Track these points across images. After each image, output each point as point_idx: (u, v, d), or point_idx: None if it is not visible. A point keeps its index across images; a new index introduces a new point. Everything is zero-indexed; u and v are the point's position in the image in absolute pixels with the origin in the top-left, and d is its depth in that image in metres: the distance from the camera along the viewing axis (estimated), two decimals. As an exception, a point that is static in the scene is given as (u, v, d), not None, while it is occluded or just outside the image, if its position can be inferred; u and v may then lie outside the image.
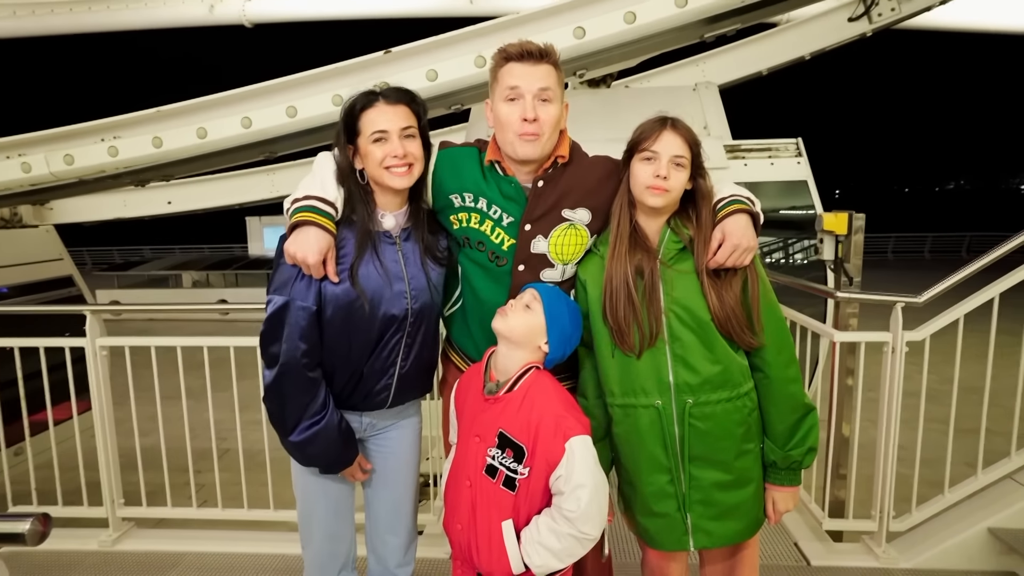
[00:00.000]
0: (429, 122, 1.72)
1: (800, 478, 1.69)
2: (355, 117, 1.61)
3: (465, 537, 1.57)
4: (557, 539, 1.48)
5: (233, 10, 5.53)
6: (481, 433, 1.57)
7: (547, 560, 1.50)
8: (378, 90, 1.64)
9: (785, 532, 2.84)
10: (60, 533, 2.98)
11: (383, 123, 1.58)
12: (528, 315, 1.56)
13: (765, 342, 1.58)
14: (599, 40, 3.12)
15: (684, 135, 1.57)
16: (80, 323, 2.90)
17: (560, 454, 1.47)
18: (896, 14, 5.05)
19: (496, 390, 1.58)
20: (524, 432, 1.51)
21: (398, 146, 1.57)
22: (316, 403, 1.59)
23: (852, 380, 2.81)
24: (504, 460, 1.52)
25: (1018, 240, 2.55)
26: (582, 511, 1.46)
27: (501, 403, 1.56)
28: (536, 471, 1.49)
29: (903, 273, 16.25)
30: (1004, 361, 2.67)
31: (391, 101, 1.60)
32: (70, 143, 3.58)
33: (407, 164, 1.59)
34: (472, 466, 1.58)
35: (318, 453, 1.63)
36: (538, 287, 1.62)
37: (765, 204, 1.68)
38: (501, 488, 1.52)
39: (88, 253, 22.79)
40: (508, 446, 1.52)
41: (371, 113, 1.59)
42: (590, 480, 1.47)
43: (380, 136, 1.58)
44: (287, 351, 1.54)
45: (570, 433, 1.48)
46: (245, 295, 13.22)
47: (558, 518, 1.49)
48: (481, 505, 1.55)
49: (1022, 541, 2.44)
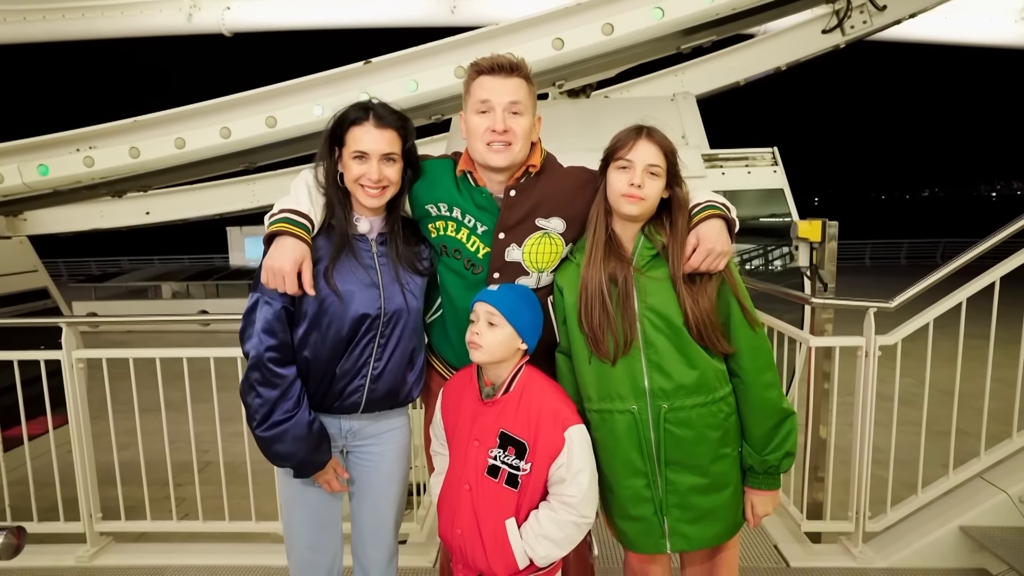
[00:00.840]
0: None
1: (779, 482, 1.70)
2: (344, 128, 1.65)
3: (467, 541, 1.61)
4: (559, 528, 1.56)
5: (212, 19, 5.51)
6: (480, 436, 1.62)
7: (550, 550, 1.57)
8: (372, 104, 1.67)
9: (765, 534, 2.88)
10: (36, 549, 2.92)
11: (366, 144, 1.62)
12: (497, 331, 1.59)
13: (741, 347, 1.60)
14: (578, 51, 3.17)
15: (659, 144, 1.59)
16: (56, 336, 2.86)
17: (560, 444, 1.56)
18: (868, 27, 5.19)
19: (494, 393, 1.63)
20: (525, 429, 1.57)
21: (375, 170, 1.62)
22: (287, 400, 1.61)
23: (828, 384, 2.87)
24: (507, 459, 1.58)
25: (984, 246, 2.63)
26: (583, 495, 1.56)
27: (500, 404, 1.61)
28: (538, 465, 1.57)
29: (880, 279, 16.54)
30: (975, 364, 2.74)
31: (380, 124, 1.64)
32: (44, 153, 3.54)
33: (381, 187, 1.64)
34: (472, 470, 1.61)
35: (288, 452, 1.63)
36: (484, 298, 1.62)
37: (743, 212, 1.72)
38: (504, 487, 1.58)
39: (64, 264, 22.37)
40: (510, 444, 1.58)
41: (358, 131, 1.63)
42: (588, 465, 1.59)
43: (360, 155, 1.62)
44: (254, 345, 1.59)
45: (568, 423, 1.58)
46: (226, 306, 13.05)
47: (558, 508, 1.57)
48: (483, 507, 1.59)
49: (992, 539, 2.50)
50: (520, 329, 1.61)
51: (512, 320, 1.59)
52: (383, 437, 1.83)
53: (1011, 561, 2.38)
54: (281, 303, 1.61)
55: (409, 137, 1.69)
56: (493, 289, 1.64)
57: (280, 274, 1.55)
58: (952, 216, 64.51)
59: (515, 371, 1.64)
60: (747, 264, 4.45)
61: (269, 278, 1.57)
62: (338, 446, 1.80)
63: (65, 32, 5.58)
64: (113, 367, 2.95)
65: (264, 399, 1.60)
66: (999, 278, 2.60)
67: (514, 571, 1.58)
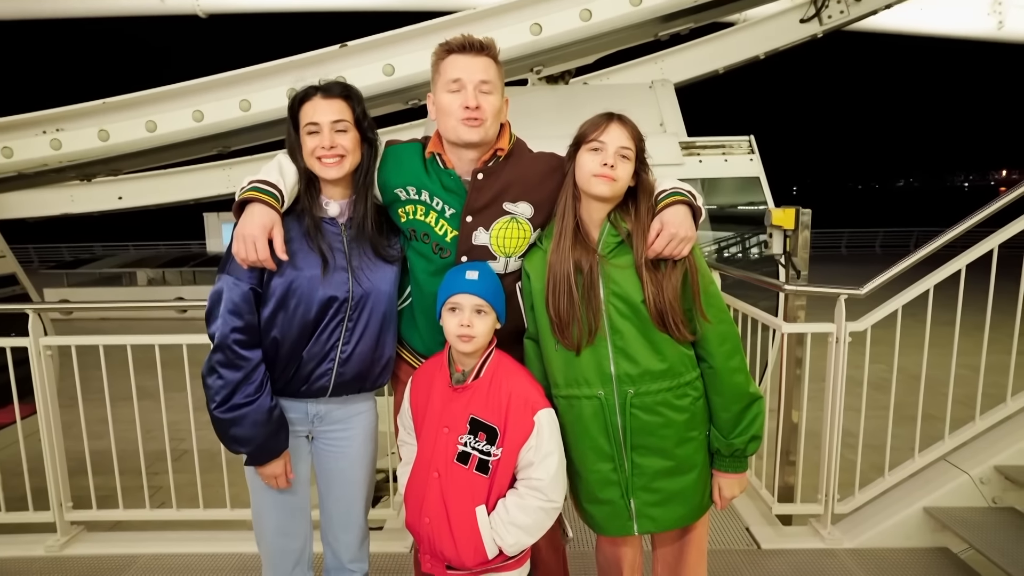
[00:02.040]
0: (387, 117, 1.75)
1: (746, 465, 1.72)
2: (297, 109, 1.69)
3: (435, 530, 1.60)
4: (526, 514, 1.56)
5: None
6: (450, 423, 1.61)
7: (519, 537, 1.57)
8: (318, 84, 1.70)
9: (737, 517, 2.94)
10: (5, 539, 2.87)
11: (315, 116, 1.66)
12: (485, 318, 1.60)
13: (707, 334, 1.62)
14: (555, 36, 3.16)
15: (630, 129, 1.60)
16: (25, 323, 2.79)
17: (530, 428, 1.57)
18: (845, 16, 5.24)
19: (464, 379, 1.62)
20: (496, 414, 1.58)
21: (327, 138, 1.64)
22: (249, 384, 1.61)
23: (800, 370, 2.92)
24: (477, 444, 1.58)
25: (951, 234, 2.68)
26: (551, 477, 1.57)
27: (470, 390, 1.61)
28: (508, 450, 1.57)
29: (855, 267, 16.82)
30: (943, 350, 2.81)
31: (326, 95, 1.67)
32: (8, 135, 3.44)
33: (338, 156, 1.65)
34: (441, 457, 1.61)
35: (245, 436, 1.62)
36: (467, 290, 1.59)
37: (719, 200, 1.73)
38: (474, 473, 1.58)
39: (35, 250, 21.83)
40: (480, 430, 1.58)
41: (307, 107, 1.67)
42: (557, 449, 1.60)
43: (312, 129, 1.65)
44: (219, 327, 1.60)
45: (537, 407, 1.59)
46: (203, 293, 12.77)
47: (525, 493, 1.57)
48: (452, 494, 1.58)
49: (954, 519, 2.58)
50: (499, 309, 1.62)
51: (495, 304, 1.60)
52: (350, 422, 1.83)
53: (971, 540, 2.46)
54: (248, 284, 1.61)
55: (356, 106, 1.71)
56: (472, 279, 1.61)
57: (251, 239, 1.55)
58: (926, 205, 65.73)
59: (485, 356, 1.64)
60: (724, 251, 4.50)
61: (240, 247, 1.56)
62: (304, 431, 1.79)
63: (37, 10, 5.43)
64: (86, 355, 2.89)
65: (226, 380, 1.59)
66: (965, 266, 2.66)
67: (483, 560, 1.58)
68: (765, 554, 2.68)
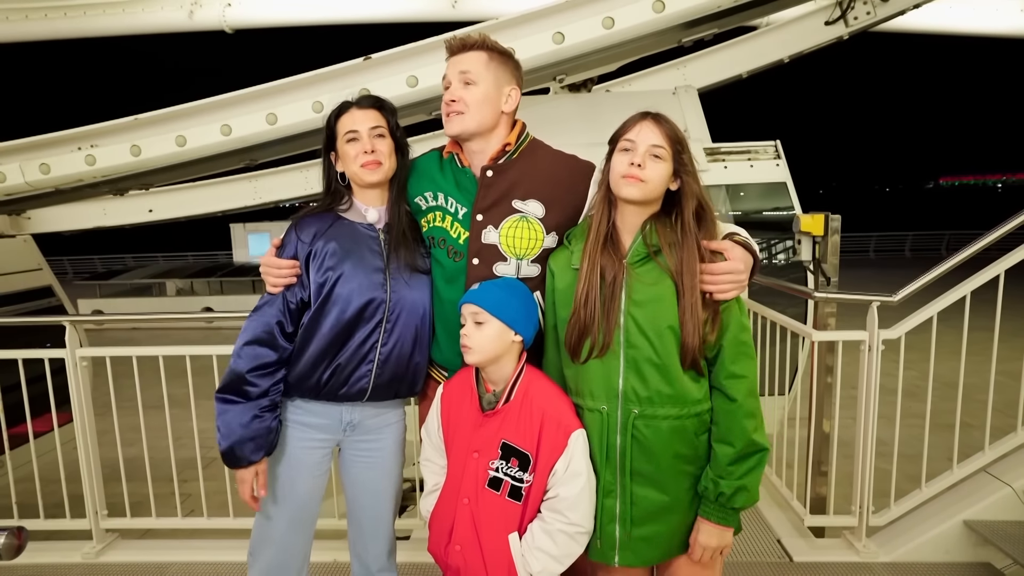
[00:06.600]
0: (411, 128, 1.79)
1: (731, 520, 1.53)
2: (333, 123, 1.80)
3: (467, 558, 1.55)
4: (550, 539, 1.50)
5: (213, 15, 5.50)
6: (480, 448, 1.56)
7: (546, 564, 1.50)
8: (352, 100, 1.82)
9: (768, 529, 2.88)
10: (43, 546, 2.94)
11: (354, 124, 1.76)
12: (484, 328, 1.55)
13: (729, 372, 1.51)
14: (578, 45, 3.15)
15: (664, 128, 1.50)
16: (61, 333, 2.87)
17: (562, 449, 1.51)
18: (872, 17, 5.14)
19: (495, 402, 1.57)
20: (528, 438, 1.52)
21: (368, 143, 1.74)
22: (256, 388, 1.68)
23: (831, 378, 2.86)
24: (509, 470, 1.53)
25: (989, 239, 2.61)
26: (574, 498, 1.49)
27: (500, 415, 1.56)
28: (540, 475, 1.52)
29: (884, 271, 16.46)
30: (980, 357, 2.73)
31: (362, 107, 1.79)
32: (46, 152, 3.54)
33: (377, 161, 1.75)
34: (471, 483, 1.56)
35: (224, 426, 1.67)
36: (465, 299, 1.59)
37: (745, 205, 1.70)
38: (507, 499, 1.53)
39: (69, 262, 22.42)
40: (513, 455, 1.53)
41: (344, 119, 1.78)
42: (585, 470, 1.52)
43: (352, 136, 1.76)
44: (235, 362, 1.70)
45: (571, 428, 1.53)
46: (230, 303, 13.06)
47: (547, 516, 1.51)
48: (484, 522, 1.53)
49: (996, 533, 2.49)
50: (510, 321, 1.55)
51: (498, 313, 1.54)
52: (382, 432, 1.85)
53: (1015, 555, 2.38)
54: (283, 296, 1.71)
55: (390, 116, 1.81)
56: (474, 288, 1.62)
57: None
58: (956, 207, 64.17)
59: (516, 375, 1.58)
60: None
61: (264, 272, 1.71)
62: (330, 442, 1.81)
63: (67, 30, 5.57)
64: (117, 364, 2.96)
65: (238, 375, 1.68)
66: (1004, 271, 2.59)
67: None
68: (797, 567, 2.63)
